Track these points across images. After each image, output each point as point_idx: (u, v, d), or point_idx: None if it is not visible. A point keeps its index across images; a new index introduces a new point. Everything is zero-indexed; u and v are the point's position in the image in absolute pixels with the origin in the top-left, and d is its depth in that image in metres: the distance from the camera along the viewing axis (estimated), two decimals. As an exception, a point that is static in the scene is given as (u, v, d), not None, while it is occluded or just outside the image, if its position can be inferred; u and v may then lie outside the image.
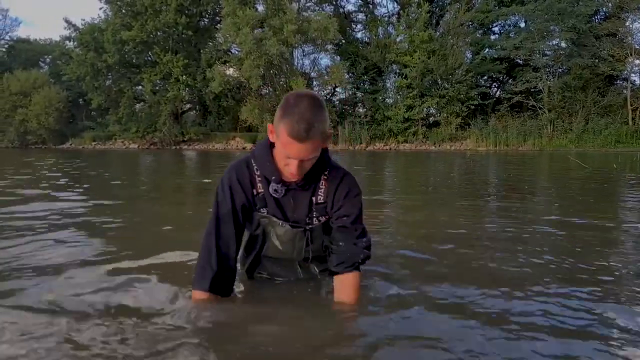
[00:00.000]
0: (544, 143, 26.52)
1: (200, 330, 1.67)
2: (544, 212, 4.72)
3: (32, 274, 2.34)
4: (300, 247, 1.97)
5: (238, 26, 28.02)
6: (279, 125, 1.64)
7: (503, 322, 1.75)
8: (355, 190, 1.91)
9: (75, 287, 2.12)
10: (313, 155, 1.70)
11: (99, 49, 33.63)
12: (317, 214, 1.92)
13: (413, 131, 29.67)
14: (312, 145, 1.64)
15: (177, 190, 7.31)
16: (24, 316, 1.78)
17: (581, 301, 1.97)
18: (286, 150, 1.66)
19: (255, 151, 1.88)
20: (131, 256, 2.65)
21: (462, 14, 29.30)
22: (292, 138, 1.61)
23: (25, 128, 37.69)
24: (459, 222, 3.95)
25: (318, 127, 1.63)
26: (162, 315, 1.78)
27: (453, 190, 7.08)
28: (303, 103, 1.63)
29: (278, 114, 1.66)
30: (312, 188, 1.89)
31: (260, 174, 1.87)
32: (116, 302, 1.93)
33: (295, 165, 1.70)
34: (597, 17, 29.43)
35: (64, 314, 1.79)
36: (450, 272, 2.40)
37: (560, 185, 7.72)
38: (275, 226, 1.93)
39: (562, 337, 1.62)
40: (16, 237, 3.15)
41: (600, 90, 27.63)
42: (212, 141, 33.67)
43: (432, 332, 1.65)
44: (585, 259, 2.61)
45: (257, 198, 1.89)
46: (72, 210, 4.54)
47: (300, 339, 1.62)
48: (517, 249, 2.89)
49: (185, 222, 4.05)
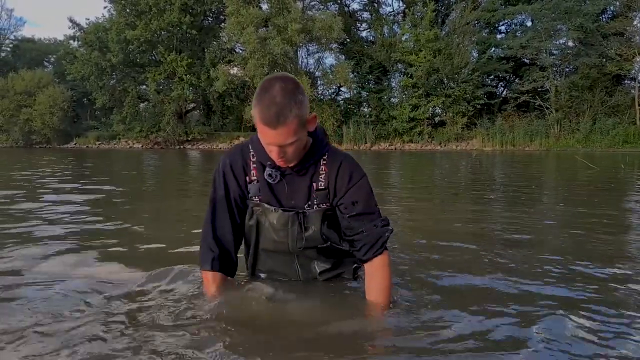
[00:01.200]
0: (550, 143, 26.30)
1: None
2: (552, 212, 4.58)
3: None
4: (294, 233, 1.84)
5: (242, 25, 27.95)
6: (254, 112, 1.59)
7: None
8: (359, 173, 1.82)
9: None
10: (291, 141, 1.60)
11: (103, 48, 33.61)
12: (317, 201, 1.82)
13: (418, 131, 29.50)
14: (286, 130, 1.56)
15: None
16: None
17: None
18: (262, 137, 1.63)
19: (254, 137, 1.80)
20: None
21: (468, 12, 29.11)
22: (264, 125, 1.56)
23: (29, 128, 37.69)
24: (467, 221, 3.82)
25: (291, 112, 1.55)
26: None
27: (460, 189, 6.94)
28: (274, 87, 1.56)
29: (254, 102, 1.60)
30: (311, 173, 1.80)
31: (256, 160, 1.82)
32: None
33: (275, 152, 1.64)
34: (604, 15, 29.16)
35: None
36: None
37: (568, 186, 7.57)
38: (268, 214, 1.84)
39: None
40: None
41: (607, 89, 27.34)
42: (216, 141, 33.59)
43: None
44: (595, 258, 2.52)
45: (250, 185, 1.84)
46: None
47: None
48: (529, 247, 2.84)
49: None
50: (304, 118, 1.60)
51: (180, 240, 3.02)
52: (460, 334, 1.60)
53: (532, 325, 1.68)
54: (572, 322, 1.71)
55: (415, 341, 1.55)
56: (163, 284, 2.06)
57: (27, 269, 2.38)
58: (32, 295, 1.97)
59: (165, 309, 1.77)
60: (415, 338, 1.57)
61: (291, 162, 1.71)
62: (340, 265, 2.00)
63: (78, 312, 1.77)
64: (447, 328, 1.64)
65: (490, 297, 1.97)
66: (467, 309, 1.82)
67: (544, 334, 1.60)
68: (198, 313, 1.73)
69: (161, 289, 2.01)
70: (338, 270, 2.01)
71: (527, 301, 1.94)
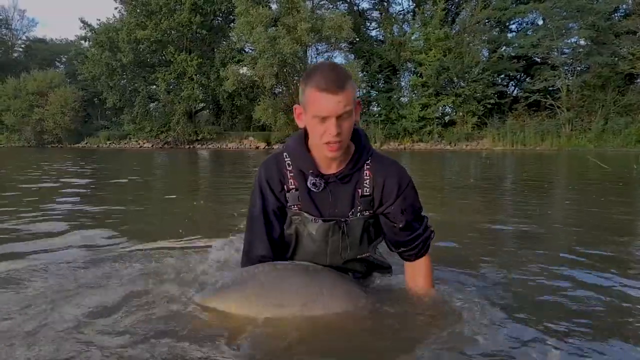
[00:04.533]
0: (562, 143, 26.02)
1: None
2: (563, 211, 4.52)
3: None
4: (336, 243, 1.78)
5: (251, 25, 27.97)
6: (306, 91, 1.60)
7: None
8: (406, 179, 1.80)
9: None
10: (349, 109, 1.59)
11: (114, 48, 33.85)
12: (361, 208, 1.78)
13: (428, 130, 29.33)
14: (346, 96, 1.56)
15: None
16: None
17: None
18: (320, 108, 1.57)
19: (289, 144, 1.81)
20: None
21: (479, 11, 28.91)
22: (325, 91, 1.55)
23: (41, 127, 38.08)
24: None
25: (349, 78, 1.59)
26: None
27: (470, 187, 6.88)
28: (322, 66, 1.62)
29: (302, 86, 1.63)
30: (355, 180, 1.77)
31: (293, 168, 1.77)
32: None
33: (333, 125, 1.57)
34: (617, 14, 28.80)
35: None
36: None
37: (581, 185, 7.49)
38: (307, 223, 1.78)
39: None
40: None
41: (620, 89, 27.00)
42: (226, 140, 33.69)
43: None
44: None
45: (288, 194, 1.78)
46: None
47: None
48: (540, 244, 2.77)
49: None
50: (355, 93, 1.62)
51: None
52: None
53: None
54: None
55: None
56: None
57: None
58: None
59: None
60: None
61: (343, 147, 1.66)
62: (368, 277, 1.98)
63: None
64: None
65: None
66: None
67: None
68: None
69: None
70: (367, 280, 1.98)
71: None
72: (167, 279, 2.01)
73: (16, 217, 3.86)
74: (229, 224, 3.46)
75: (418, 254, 1.82)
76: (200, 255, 2.38)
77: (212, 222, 3.95)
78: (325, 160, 1.73)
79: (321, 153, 1.69)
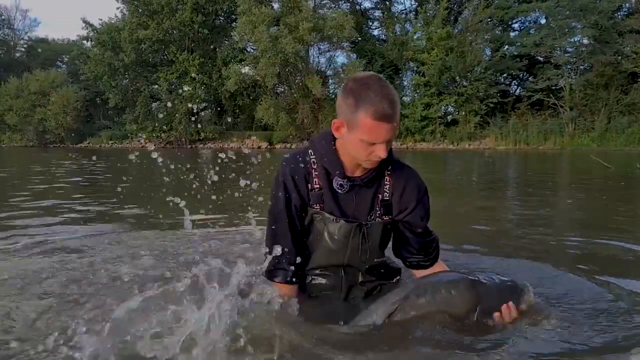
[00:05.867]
0: (565, 142, 25.93)
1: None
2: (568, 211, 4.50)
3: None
4: (355, 245, 1.78)
5: (253, 24, 27.96)
6: (358, 114, 1.53)
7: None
8: (423, 187, 1.84)
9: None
10: (396, 132, 1.59)
11: (116, 48, 33.87)
12: (380, 212, 1.80)
13: (430, 130, 29.25)
14: (397, 121, 1.56)
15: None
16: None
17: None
18: (372, 136, 1.55)
19: (316, 144, 1.79)
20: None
21: (481, 10, 28.81)
22: (380, 120, 1.51)
23: (43, 127, 38.12)
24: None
25: (398, 101, 1.56)
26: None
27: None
28: (374, 84, 1.54)
29: (350, 103, 1.55)
30: (377, 184, 1.79)
31: (318, 167, 1.76)
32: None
33: (384, 149, 1.58)
34: (620, 13, 28.71)
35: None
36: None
37: (585, 185, 7.46)
38: (328, 223, 1.77)
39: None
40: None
41: (623, 87, 26.87)
42: (228, 140, 33.68)
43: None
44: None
45: (311, 193, 1.77)
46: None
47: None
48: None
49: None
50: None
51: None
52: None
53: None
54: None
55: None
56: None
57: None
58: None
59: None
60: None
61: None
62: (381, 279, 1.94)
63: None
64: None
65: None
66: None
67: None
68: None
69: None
70: (379, 282, 1.94)
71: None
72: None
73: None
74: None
75: (435, 259, 1.89)
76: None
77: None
78: (354, 164, 1.74)
79: (355, 160, 1.70)
